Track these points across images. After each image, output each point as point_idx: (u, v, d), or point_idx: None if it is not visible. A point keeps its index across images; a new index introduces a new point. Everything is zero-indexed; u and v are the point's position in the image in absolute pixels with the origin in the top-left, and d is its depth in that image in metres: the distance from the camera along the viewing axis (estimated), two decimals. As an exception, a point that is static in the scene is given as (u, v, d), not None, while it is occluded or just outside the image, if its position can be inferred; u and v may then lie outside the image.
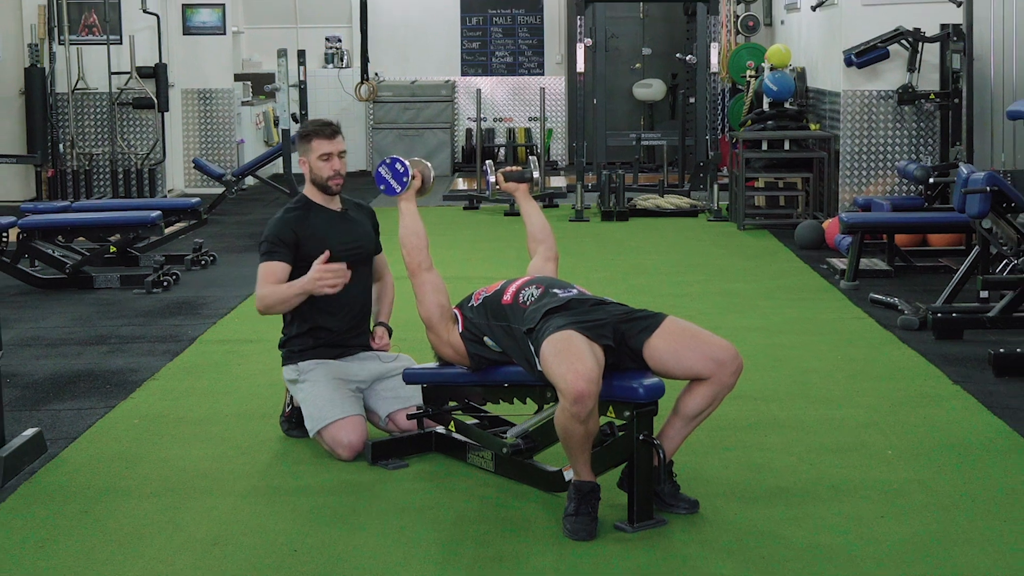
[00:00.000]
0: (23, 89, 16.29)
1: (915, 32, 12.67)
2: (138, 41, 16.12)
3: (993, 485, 5.79)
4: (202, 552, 5.12)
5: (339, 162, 6.46)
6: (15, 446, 6.07)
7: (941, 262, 11.16)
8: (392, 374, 6.50)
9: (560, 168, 19.71)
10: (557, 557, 5.02)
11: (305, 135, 6.51)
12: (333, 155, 6.44)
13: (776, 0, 17.44)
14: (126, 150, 16.31)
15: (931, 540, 5.14)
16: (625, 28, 19.75)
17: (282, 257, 6.33)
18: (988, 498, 5.62)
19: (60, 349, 8.70)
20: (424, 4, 20.25)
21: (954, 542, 5.12)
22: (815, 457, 6.18)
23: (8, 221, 10.90)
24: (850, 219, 10.69)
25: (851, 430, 6.65)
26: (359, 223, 6.65)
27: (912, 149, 13.06)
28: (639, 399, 5.26)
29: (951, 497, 5.64)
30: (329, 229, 6.46)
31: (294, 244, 6.35)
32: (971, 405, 7.08)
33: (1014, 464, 6.09)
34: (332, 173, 6.45)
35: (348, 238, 6.51)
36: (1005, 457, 6.20)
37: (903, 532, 5.23)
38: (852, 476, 5.93)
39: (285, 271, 6.32)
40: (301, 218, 6.44)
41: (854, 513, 5.46)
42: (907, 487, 5.78)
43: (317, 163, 6.44)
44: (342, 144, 6.50)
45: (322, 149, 6.42)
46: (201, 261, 11.75)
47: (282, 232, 6.37)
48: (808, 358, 8.16)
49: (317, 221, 6.46)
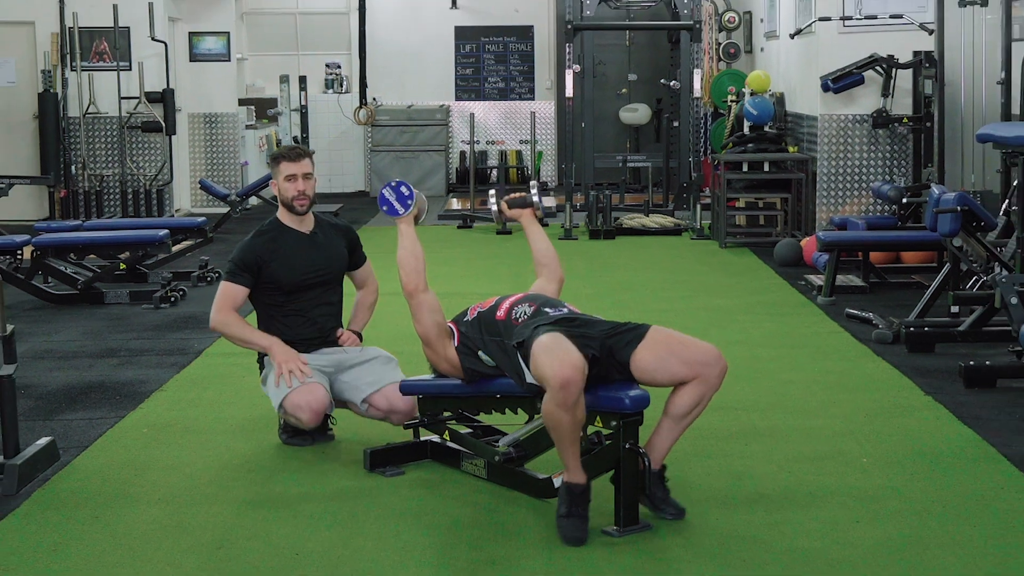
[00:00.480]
0: (37, 113, 16.31)
1: (889, 59, 12.70)
2: (147, 67, 16.12)
3: (964, 491, 5.79)
4: (208, 555, 5.12)
5: (303, 183, 6.52)
6: (29, 454, 6.07)
7: (914, 279, 11.18)
8: (357, 362, 6.58)
9: (550, 188, 19.70)
10: (547, 560, 5.02)
11: (274, 158, 6.64)
12: (298, 176, 6.50)
13: (756, 28, 17.47)
14: (135, 171, 16.30)
15: (904, 544, 5.15)
16: (612, 55, 19.78)
17: (242, 281, 6.49)
18: (959, 504, 5.63)
19: (72, 361, 8.69)
20: (420, 32, 20.27)
21: (926, 546, 5.12)
22: (794, 465, 6.18)
23: (22, 239, 10.91)
24: (827, 237, 10.70)
25: (828, 439, 6.65)
26: (328, 246, 6.69)
27: (886, 171, 13.08)
28: (625, 409, 5.27)
29: (923, 503, 5.65)
30: (296, 254, 6.54)
31: (256, 269, 6.48)
32: (942, 415, 7.08)
33: (983, 471, 6.09)
34: (296, 193, 6.51)
35: (314, 262, 6.59)
36: (975, 465, 6.20)
37: (878, 536, 5.24)
38: (829, 483, 5.94)
39: (243, 295, 6.53)
40: (269, 242, 6.54)
41: (831, 518, 5.46)
42: (881, 493, 5.79)
43: (283, 184, 6.53)
44: (307, 167, 6.55)
45: (287, 171, 6.51)
46: (207, 277, 11.74)
47: (247, 257, 6.50)
48: (787, 370, 8.17)
49: (285, 246, 6.54)
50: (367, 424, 6.74)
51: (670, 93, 17.36)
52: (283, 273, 6.48)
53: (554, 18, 20.16)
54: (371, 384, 6.47)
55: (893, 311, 9.58)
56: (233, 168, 17.77)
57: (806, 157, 13.62)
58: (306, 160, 6.57)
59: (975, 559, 4.98)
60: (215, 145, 17.81)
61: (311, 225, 6.66)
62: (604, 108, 19.07)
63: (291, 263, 6.51)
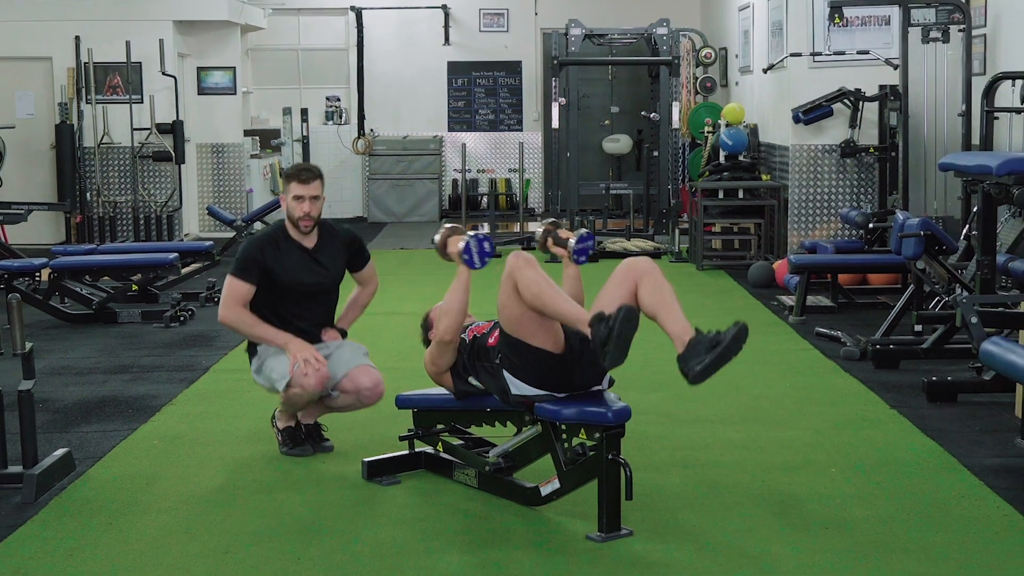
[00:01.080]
0: (54, 143, 16.29)
1: (856, 92, 12.72)
2: (157, 100, 16.12)
3: (926, 499, 5.81)
4: (215, 560, 5.13)
5: (310, 205, 6.41)
6: (46, 464, 6.08)
7: (880, 299, 11.17)
8: (325, 353, 6.42)
9: (537, 214, 19.70)
10: (535, 564, 5.03)
11: (286, 176, 6.52)
12: (305, 198, 6.40)
13: (731, 63, 17.49)
14: (146, 198, 16.30)
15: (871, 549, 5.16)
16: (595, 89, 19.77)
17: (250, 278, 6.34)
18: (921, 511, 5.64)
19: (87, 377, 8.69)
20: (415, 67, 20.27)
21: (891, 551, 5.14)
22: (766, 475, 6.20)
23: (40, 262, 10.91)
24: (798, 260, 10.71)
25: (798, 450, 6.67)
26: (328, 263, 6.57)
27: (853, 197, 13.10)
28: (608, 422, 5.28)
29: (888, 510, 5.66)
30: (296, 266, 6.44)
31: (261, 267, 6.36)
32: (906, 428, 7.10)
33: (945, 480, 6.10)
34: (302, 214, 6.41)
35: (313, 278, 6.50)
36: (937, 474, 6.21)
37: (846, 542, 5.25)
38: (799, 491, 5.95)
39: (250, 292, 6.35)
40: (272, 246, 6.45)
41: (801, 524, 5.48)
42: (849, 501, 5.80)
43: (291, 202, 6.42)
44: (316, 190, 6.44)
45: (296, 191, 6.41)
46: (214, 298, 11.71)
47: (253, 255, 6.39)
48: (760, 385, 8.18)
49: (287, 258, 6.44)
50: (365, 435, 6.77)
51: (650, 124, 17.37)
52: (280, 280, 6.40)
53: (541, 54, 20.16)
54: (349, 362, 6.43)
55: (860, 330, 9.59)
56: (239, 195, 17.76)
57: (778, 185, 13.64)
58: (316, 183, 6.45)
59: (937, 563, 5.00)
60: (222, 173, 17.79)
61: (314, 241, 6.55)
62: (588, 138, 19.07)
63: (290, 274, 6.43)
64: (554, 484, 5.56)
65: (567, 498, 5.58)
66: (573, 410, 5.39)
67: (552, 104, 16.41)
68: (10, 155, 15.07)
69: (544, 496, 5.59)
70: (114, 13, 16.41)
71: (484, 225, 6.57)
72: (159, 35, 16.12)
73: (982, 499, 5.80)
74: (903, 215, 9.28)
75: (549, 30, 18.85)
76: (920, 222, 8.87)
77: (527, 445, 5.75)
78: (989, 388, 7.65)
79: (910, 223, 8.92)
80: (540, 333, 5.49)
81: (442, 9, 20.07)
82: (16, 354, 6.03)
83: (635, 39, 17.26)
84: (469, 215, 17.33)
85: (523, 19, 20.22)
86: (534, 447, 5.75)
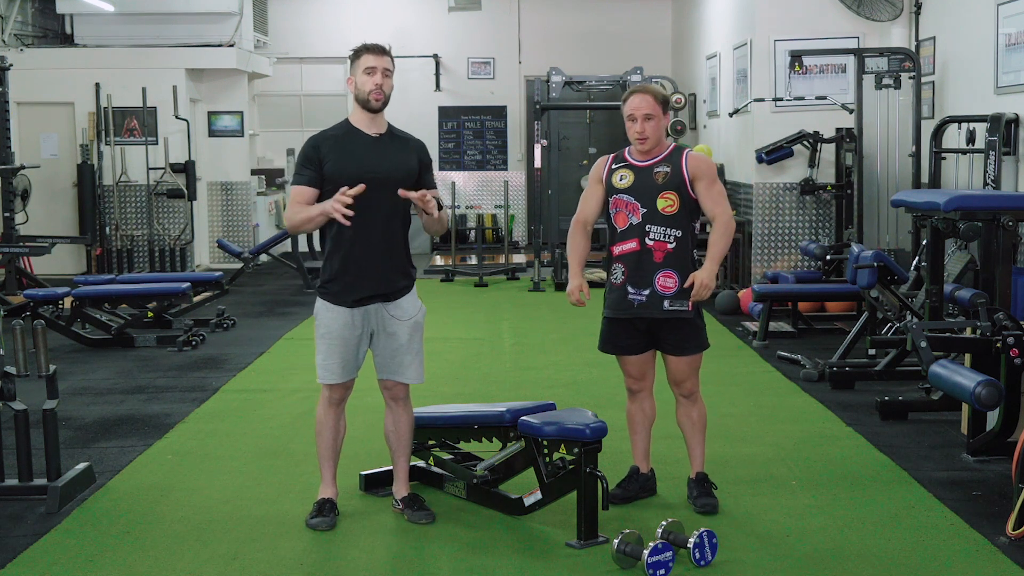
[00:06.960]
0: (76, 182, 16.32)
1: (815, 135, 12.76)
2: (171, 142, 16.14)
3: (880, 510, 5.83)
4: (224, 565, 5.13)
5: (382, 78, 5.63)
6: (69, 477, 6.08)
7: (837, 325, 11.20)
8: (392, 331, 5.73)
9: (521, 247, 19.73)
10: (519, 569, 5.04)
11: (355, 52, 5.73)
12: (377, 70, 5.62)
13: (700, 108, 17.54)
14: (161, 232, 16.29)
15: (829, 555, 5.18)
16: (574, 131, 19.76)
17: (308, 180, 5.59)
18: (875, 520, 5.66)
19: (106, 397, 8.68)
20: (407, 110, 20.22)
21: (848, 557, 5.15)
22: (732, 487, 6.20)
23: (63, 291, 10.92)
24: (761, 289, 10.75)
25: (761, 464, 6.69)
26: (395, 150, 5.72)
27: (812, 231, 13.13)
28: (586, 438, 5.29)
29: (844, 520, 5.68)
30: (357, 151, 5.65)
31: (319, 163, 5.60)
32: (861, 444, 7.12)
33: (896, 492, 6.12)
34: (373, 87, 5.60)
35: (375, 162, 5.63)
36: (889, 487, 6.23)
37: (805, 549, 5.26)
38: (762, 502, 5.96)
39: (312, 195, 5.58)
40: (332, 139, 5.68)
41: (764, 533, 5.49)
42: (808, 511, 5.82)
43: (362, 77, 5.64)
44: (389, 63, 5.69)
45: (368, 63, 5.63)
46: (224, 324, 11.74)
47: (308, 152, 5.65)
48: (726, 404, 8.18)
49: (348, 144, 5.67)
50: (362, 449, 6.76)
51: (626, 164, 17.37)
52: (341, 169, 5.56)
53: (524, 99, 20.21)
54: (381, 368, 5.79)
55: (819, 353, 9.61)
56: (246, 229, 17.77)
57: (743, 220, 13.66)
58: (388, 57, 5.70)
59: (889, 569, 5.02)
60: (230, 209, 17.81)
61: (382, 128, 5.74)
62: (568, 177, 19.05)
63: (351, 160, 5.60)
64: (537, 495, 5.58)
65: (548, 508, 5.60)
66: (554, 427, 5.40)
67: (535, 145, 16.45)
68: (35, 192, 15.07)
69: (527, 506, 5.60)
70: (131, 62, 16.46)
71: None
72: (173, 82, 16.15)
73: (931, 509, 5.83)
74: (858, 247, 9.32)
75: (532, 77, 18.95)
76: (873, 254, 8.90)
77: (512, 459, 5.76)
78: (937, 407, 7.68)
79: (864, 255, 8.96)
80: None
81: (433, 58, 20.13)
82: (41, 376, 6.05)
83: (611, 85, 17.30)
84: (458, 247, 17.33)
85: (508, 67, 20.28)
86: (518, 461, 5.76)
